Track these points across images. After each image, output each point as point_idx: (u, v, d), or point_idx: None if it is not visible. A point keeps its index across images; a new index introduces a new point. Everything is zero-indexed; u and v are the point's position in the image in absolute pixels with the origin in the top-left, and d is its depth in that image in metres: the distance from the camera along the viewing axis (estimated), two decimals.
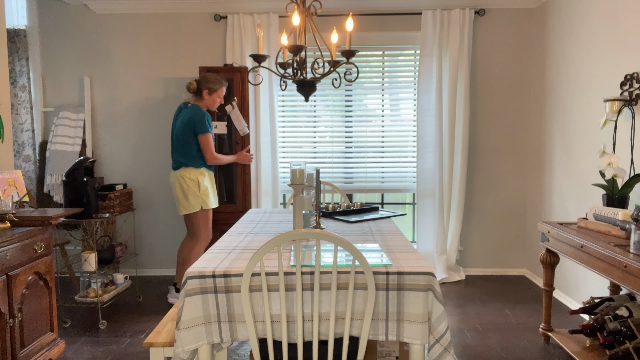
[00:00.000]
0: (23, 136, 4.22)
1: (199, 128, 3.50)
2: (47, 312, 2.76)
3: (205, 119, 3.52)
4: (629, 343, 2.35)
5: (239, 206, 3.99)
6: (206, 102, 3.61)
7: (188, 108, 3.59)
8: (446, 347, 1.73)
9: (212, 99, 3.60)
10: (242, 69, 3.91)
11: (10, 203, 2.59)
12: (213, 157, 3.57)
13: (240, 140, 3.92)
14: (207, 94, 3.57)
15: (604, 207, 2.64)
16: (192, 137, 3.53)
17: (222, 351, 2.31)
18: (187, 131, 3.52)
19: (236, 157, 3.77)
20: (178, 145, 3.59)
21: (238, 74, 3.93)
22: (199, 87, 3.59)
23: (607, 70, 3.18)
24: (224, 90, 3.63)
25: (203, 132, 3.50)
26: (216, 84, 3.57)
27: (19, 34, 4.18)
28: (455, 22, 4.19)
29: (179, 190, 3.57)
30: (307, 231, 1.60)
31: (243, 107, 3.92)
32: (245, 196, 3.98)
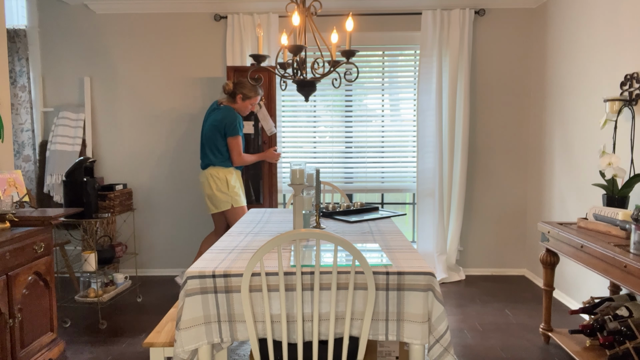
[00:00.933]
0: (23, 136, 4.22)
1: (229, 130, 3.52)
2: (47, 312, 2.76)
3: (237, 122, 3.53)
4: (629, 343, 2.35)
5: (266, 205, 4.01)
6: (238, 107, 3.62)
7: (220, 109, 3.60)
8: (446, 347, 1.73)
9: (245, 105, 3.62)
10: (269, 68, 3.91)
11: (10, 203, 2.59)
12: (240, 159, 3.59)
13: (268, 139, 3.93)
14: (241, 99, 3.59)
15: (604, 207, 2.64)
16: (222, 138, 3.55)
17: (222, 351, 2.31)
18: (218, 132, 3.54)
19: (263, 155, 3.78)
20: (207, 144, 3.60)
21: (266, 74, 3.94)
22: (234, 91, 3.60)
23: (607, 70, 3.18)
24: (257, 99, 3.64)
25: (233, 134, 3.52)
26: (251, 92, 3.59)
27: (19, 34, 4.18)
28: (455, 22, 4.19)
29: (208, 189, 3.58)
30: (307, 231, 1.60)
31: (270, 107, 3.93)
32: (271, 195, 3.98)
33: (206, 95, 4.45)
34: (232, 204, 3.58)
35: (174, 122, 4.48)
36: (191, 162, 4.51)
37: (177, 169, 4.51)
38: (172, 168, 4.51)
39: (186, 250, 4.56)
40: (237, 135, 3.54)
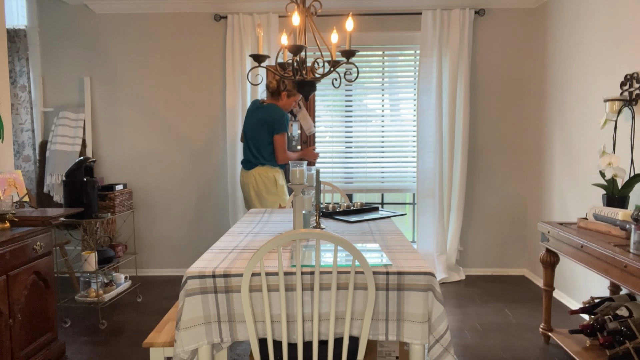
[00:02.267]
0: (23, 136, 4.22)
1: (277, 127, 3.50)
2: (47, 312, 2.76)
3: (285, 119, 3.51)
4: (629, 343, 2.35)
5: None
6: (283, 104, 3.60)
7: (265, 107, 3.57)
8: (446, 347, 1.73)
9: (289, 102, 3.61)
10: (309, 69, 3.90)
11: (10, 203, 2.59)
12: (284, 156, 3.57)
13: (307, 139, 3.93)
14: (286, 96, 3.58)
15: (604, 207, 2.64)
16: (269, 136, 3.52)
17: (222, 351, 2.31)
18: (265, 130, 3.52)
19: (302, 153, 3.77)
20: (254, 144, 3.57)
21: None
22: (278, 88, 3.57)
23: (607, 70, 3.18)
24: (300, 96, 3.63)
25: (280, 131, 3.50)
26: (294, 89, 3.56)
27: (19, 34, 4.18)
28: (455, 22, 4.19)
29: (253, 190, 3.55)
30: (307, 231, 1.60)
31: (309, 107, 3.90)
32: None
33: (206, 95, 4.45)
34: (279, 204, 3.56)
35: (174, 122, 4.48)
36: (191, 162, 4.51)
37: (177, 169, 4.51)
38: (172, 168, 4.51)
39: (186, 250, 4.56)
40: (284, 132, 3.51)
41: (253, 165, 3.59)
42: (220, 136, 4.47)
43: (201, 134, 4.48)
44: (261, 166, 3.57)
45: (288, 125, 3.56)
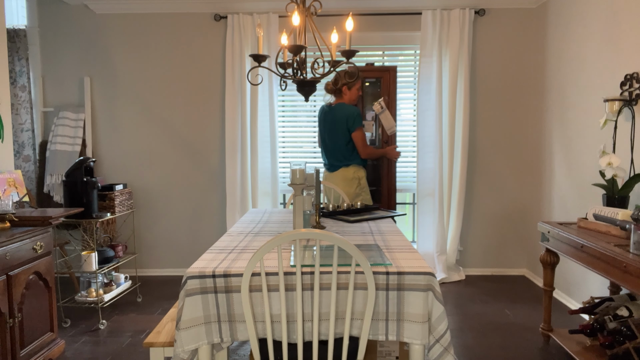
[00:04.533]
0: (23, 136, 4.22)
1: (352, 124, 3.48)
2: (47, 312, 2.76)
3: (358, 114, 3.50)
4: (629, 343, 2.35)
5: (384, 206, 3.97)
6: (349, 98, 3.57)
7: (334, 108, 3.56)
8: (446, 347, 1.73)
9: (353, 93, 3.57)
10: (390, 69, 3.94)
11: (10, 203, 2.59)
12: (366, 151, 3.55)
13: (388, 139, 3.91)
14: (347, 89, 3.56)
15: (604, 207, 2.64)
16: (347, 135, 3.51)
17: (222, 351, 2.31)
18: (340, 131, 3.50)
19: (384, 151, 3.75)
20: (333, 147, 3.56)
21: (387, 74, 3.93)
22: (335, 86, 3.57)
23: (607, 70, 3.18)
24: (360, 82, 3.61)
25: (356, 127, 3.49)
26: (352, 78, 3.51)
27: (19, 34, 4.18)
28: (455, 22, 4.19)
29: (341, 191, 3.51)
30: (307, 231, 1.60)
31: (390, 106, 3.90)
32: (390, 195, 3.95)
33: (206, 95, 4.45)
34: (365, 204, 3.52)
35: (174, 122, 4.48)
36: (191, 162, 4.51)
37: (177, 169, 4.51)
38: (172, 168, 4.51)
39: (186, 250, 4.56)
40: (360, 127, 3.49)
41: (337, 167, 3.58)
42: (220, 136, 4.47)
43: (201, 134, 4.48)
44: (345, 167, 3.56)
45: (361, 118, 3.53)
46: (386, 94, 3.93)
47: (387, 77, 3.95)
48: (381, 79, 3.98)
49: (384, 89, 3.94)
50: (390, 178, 3.95)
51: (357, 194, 3.55)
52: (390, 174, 3.95)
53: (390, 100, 3.93)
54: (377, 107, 3.72)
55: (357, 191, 3.54)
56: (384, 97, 3.89)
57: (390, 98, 3.94)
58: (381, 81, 3.97)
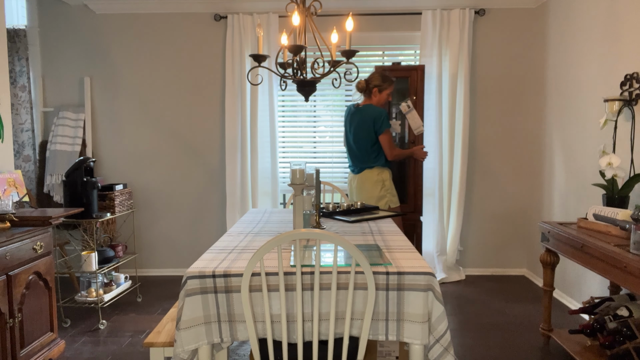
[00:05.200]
0: (23, 136, 4.22)
1: (379, 127, 3.45)
2: (47, 312, 2.76)
3: (385, 116, 3.46)
4: (629, 343, 2.35)
5: (410, 206, 3.91)
6: (377, 100, 3.55)
7: (361, 109, 3.54)
8: (446, 347, 1.73)
9: (382, 97, 3.54)
10: (418, 68, 3.88)
11: (10, 203, 2.59)
12: (394, 153, 3.52)
13: (415, 139, 3.86)
14: (377, 91, 3.53)
15: (604, 207, 2.64)
16: (373, 137, 3.48)
17: (222, 351, 2.31)
18: (366, 132, 3.48)
19: (411, 152, 3.71)
20: (359, 148, 3.53)
21: (415, 73, 3.87)
22: (367, 86, 3.55)
23: (607, 70, 3.18)
24: (392, 88, 3.57)
25: (383, 130, 3.46)
26: (385, 82, 3.52)
27: (19, 34, 4.18)
28: (455, 22, 4.19)
29: (364, 193, 3.51)
30: (307, 231, 1.60)
31: (418, 106, 3.85)
32: (416, 195, 3.90)
33: (206, 95, 4.45)
34: (389, 205, 3.51)
35: (174, 122, 4.48)
36: (191, 162, 4.51)
37: (177, 169, 4.51)
38: (172, 168, 4.51)
39: (186, 250, 4.56)
40: (387, 129, 3.47)
41: (361, 168, 3.56)
42: (219, 136, 4.47)
43: (201, 134, 4.48)
44: (369, 169, 3.53)
45: (388, 121, 3.51)
46: (413, 94, 3.86)
47: (414, 76, 3.87)
48: (408, 78, 3.89)
49: (412, 89, 3.86)
50: (416, 178, 3.88)
51: (382, 195, 3.50)
52: (417, 174, 3.88)
53: (417, 99, 3.86)
54: (404, 107, 3.68)
55: (382, 193, 3.50)
56: (411, 96, 3.83)
57: (418, 97, 3.86)
58: (408, 80, 3.89)
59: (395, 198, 3.56)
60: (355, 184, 3.60)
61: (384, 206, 3.50)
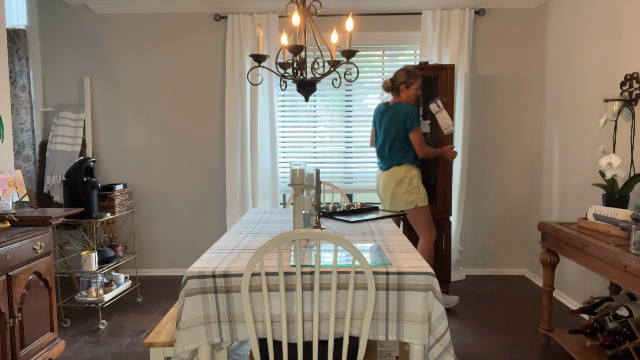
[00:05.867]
0: (23, 136, 4.22)
1: (409, 124, 3.42)
2: (47, 312, 2.76)
3: (415, 113, 3.43)
4: (629, 343, 2.35)
5: (439, 206, 3.84)
6: (406, 97, 3.50)
7: (391, 107, 3.51)
8: (446, 347, 1.73)
9: (411, 92, 3.50)
10: (448, 67, 3.79)
11: (10, 203, 2.59)
12: (424, 151, 3.47)
13: (444, 139, 3.80)
14: (405, 88, 3.49)
15: (604, 207, 2.64)
16: (403, 134, 3.45)
17: (222, 351, 2.31)
18: (396, 130, 3.45)
19: (441, 151, 3.66)
20: (389, 145, 3.51)
21: (444, 72, 3.79)
22: (394, 85, 3.52)
23: (607, 70, 3.18)
24: (419, 82, 3.52)
25: (414, 127, 3.41)
26: (410, 77, 3.48)
27: (19, 34, 4.18)
28: (455, 22, 4.19)
29: (391, 190, 3.50)
30: (307, 231, 1.60)
31: (448, 105, 3.77)
32: (446, 196, 3.84)
33: (206, 95, 4.45)
34: (416, 204, 3.48)
35: (174, 122, 4.48)
36: (191, 162, 4.51)
37: (177, 169, 4.51)
38: (172, 168, 4.51)
39: (186, 250, 4.56)
40: (417, 127, 3.43)
41: (389, 165, 3.53)
42: (219, 136, 4.47)
43: (201, 134, 4.49)
44: (397, 166, 3.50)
45: (419, 118, 3.47)
46: (443, 93, 3.79)
47: (444, 75, 3.79)
48: (438, 77, 3.82)
49: (441, 88, 3.79)
50: (446, 177, 3.83)
51: (409, 193, 3.47)
52: (446, 174, 3.82)
53: (447, 99, 3.77)
54: (434, 107, 3.62)
55: (409, 190, 3.47)
56: (440, 96, 3.77)
57: (448, 97, 3.78)
58: (438, 80, 3.82)
59: (423, 196, 3.51)
60: (382, 181, 3.58)
61: (410, 204, 3.47)
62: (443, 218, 3.86)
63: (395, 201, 3.50)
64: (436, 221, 3.77)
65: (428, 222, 3.54)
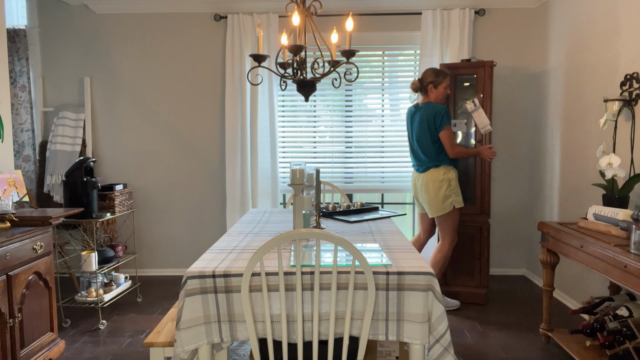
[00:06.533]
0: (23, 136, 4.22)
1: (439, 123, 3.39)
2: (47, 312, 2.76)
3: (445, 113, 3.40)
4: (629, 343, 2.35)
5: (477, 208, 3.75)
6: (435, 97, 3.48)
7: (420, 108, 3.50)
8: (446, 347, 1.73)
9: (439, 92, 3.47)
10: (486, 64, 3.67)
11: (10, 203, 2.59)
12: (454, 151, 3.43)
13: (481, 138, 3.73)
14: (433, 88, 3.47)
15: (604, 207, 2.64)
16: (434, 134, 3.43)
17: (222, 351, 2.31)
18: (427, 130, 3.43)
19: (477, 151, 3.57)
20: (421, 147, 3.49)
21: (482, 69, 3.68)
22: (422, 85, 3.50)
23: (607, 70, 3.18)
24: (448, 80, 3.50)
25: (443, 127, 3.39)
26: (438, 76, 3.46)
27: (19, 34, 4.18)
28: (455, 22, 4.19)
29: (429, 192, 3.47)
30: (307, 231, 1.60)
31: (486, 103, 3.68)
32: (484, 197, 3.74)
33: (206, 95, 4.45)
34: (454, 205, 3.46)
35: (174, 122, 4.48)
36: (191, 162, 4.51)
37: (177, 169, 4.51)
38: (172, 168, 4.51)
39: (186, 250, 4.57)
40: (447, 126, 3.39)
41: (427, 167, 3.51)
42: (220, 136, 4.47)
43: (201, 134, 4.49)
44: (435, 168, 3.47)
45: (449, 117, 3.44)
46: (480, 91, 3.70)
47: (481, 73, 3.70)
48: (476, 75, 3.71)
49: (479, 86, 3.70)
50: (484, 178, 3.73)
51: (447, 195, 3.45)
52: (484, 174, 3.73)
53: (485, 97, 3.68)
54: (470, 105, 3.56)
55: (447, 193, 3.44)
56: (478, 94, 3.71)
57: (486, 95, 3.68)
58: (476, 78, 3.72)
59: (460, 198, 3.50)
60: (420, 183, 3.56)
61: (448, 206, 3.45)
62: (481, 221, 3.75)
63: (434, 204, 3.47)
64: (474, 223, 3.73)
65: (455, 227, 3.53)
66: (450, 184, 3.45)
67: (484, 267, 3.75)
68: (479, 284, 3.76)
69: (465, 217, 3.75)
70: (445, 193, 3.44)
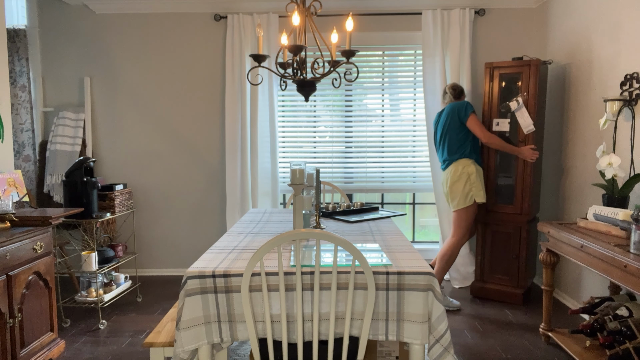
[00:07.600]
0: (23, 136, 4.22)
1: (462, 114, 3.44)
2: (47, 312, 2.76)
3: (466, 104, 3.49)
4: (629, 343, 2.35)
5: (517, 207, 3.70)
6: None
7: (446, 107, 3.63)
8: (446, 347, 1.73)
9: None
10: (532, 62, 3.61)
11: (10, 203, 2.59)
12: (487, 135, 3.45)
13: (524, 138, 3.69)
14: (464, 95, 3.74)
15: (604, 207, 2.64)
16: (457, 127, 3.47)
17: (222, 351, 2.31)
18: (454, 123, 3.49)
19: (518, 150, 3.57)
20: (447, 142, 3.56)
21: (527, 68, 3.62)
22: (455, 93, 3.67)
23: (607, 70, 3.18)
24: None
25: (467, 116, 3.42)
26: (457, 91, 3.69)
27: (19, 34, 4.18)
28: (455, 22, 4.19)
29: (449, 187, 3.52)
30: (307, 231, 1.60)
31: (531, 103, 3.62)
32: (524, 197, 3.67)
33: (206, 95, 4.45)
34: (474, 199, 3.51)
35: (174, 122, 4.48)
36: (191, 162, 4.51)
37: (177, 168, 4.51)
38: (172, 168, 4.51)
39: (186, 250, 4.57)
40: (471, 113, 3.43)
41: (448, 163, 3.59)
42: (220, 136, 4.47)
43: (201, 134, 4.49)
44: (455, 162, 3.54)
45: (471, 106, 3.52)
46: (525, 90, 3.64)
47: (526, 71, 3.62)
48: (521, 74, 3.67)
49: (524, 85, 3.65)
50: (525, 179, 3.68)
51: (467, 189, 3.47)
52: (525, 175, 3.68)
53: (530, 96, 3.62)
54: (514, 104, 3.53)
55: (467, 187, 3.47)
56: (522, 93, 3.66)
57: (531, 94, 3.62)
58: (521, 76, 3.67)
59: (482, 192, 3.50)
60: (443, 179, 3.67)
61: (469, 201, 3.48)
62: (520, 221, 3.71)
63: (454, 198, 3.53)
64: (512, 224, 3.73)
65: (469, 223, 3.55)
66: (469, 178, 3.49)
67: (522, 268, 3.73)
68: (517, 284, 3.75)
69: (502, 216, 3.76)
70: (465, 187, 3.48)
